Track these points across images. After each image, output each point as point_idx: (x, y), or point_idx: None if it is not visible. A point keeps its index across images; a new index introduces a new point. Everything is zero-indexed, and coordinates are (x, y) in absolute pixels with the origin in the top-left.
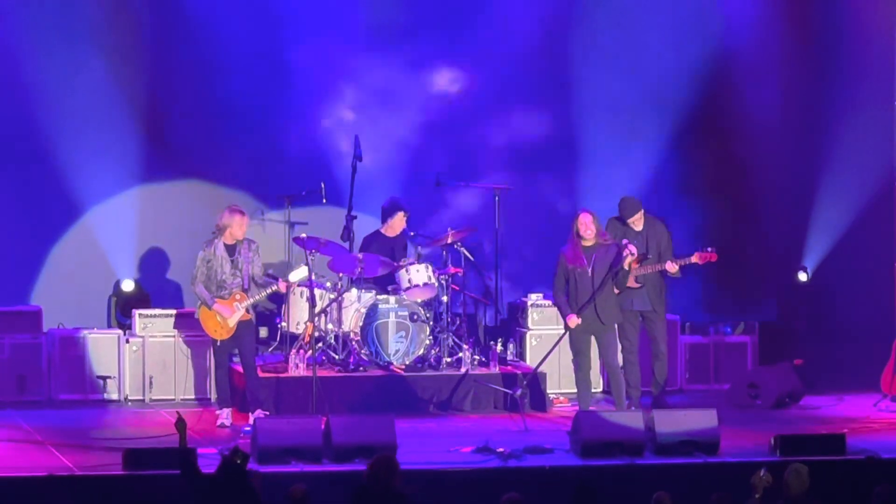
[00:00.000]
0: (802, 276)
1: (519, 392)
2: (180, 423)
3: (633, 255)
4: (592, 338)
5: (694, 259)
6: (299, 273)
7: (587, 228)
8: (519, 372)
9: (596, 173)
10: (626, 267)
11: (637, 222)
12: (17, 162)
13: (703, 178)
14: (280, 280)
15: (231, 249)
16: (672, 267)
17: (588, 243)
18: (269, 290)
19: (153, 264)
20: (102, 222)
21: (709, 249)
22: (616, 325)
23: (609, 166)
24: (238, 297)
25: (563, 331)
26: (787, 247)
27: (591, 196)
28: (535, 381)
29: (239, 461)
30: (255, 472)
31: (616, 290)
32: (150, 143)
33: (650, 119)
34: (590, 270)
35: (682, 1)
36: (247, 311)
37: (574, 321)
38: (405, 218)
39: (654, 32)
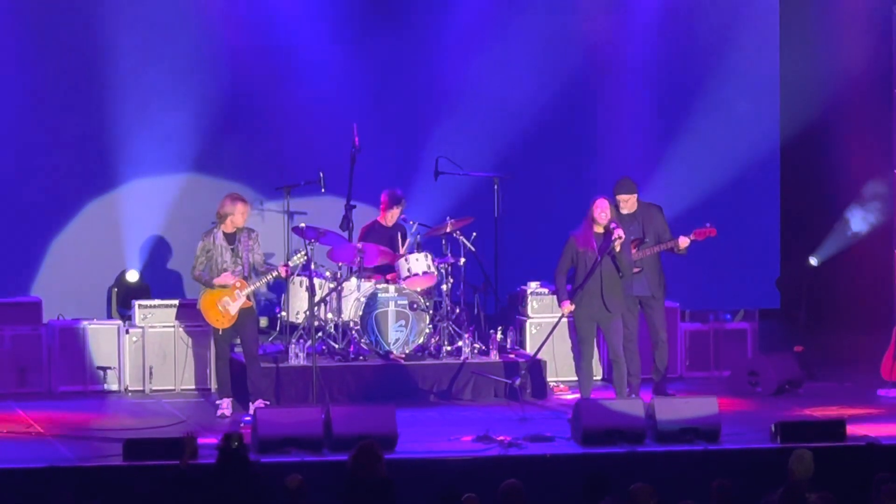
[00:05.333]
0: (813, 261)
1: (517, 381)
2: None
3: (620, 238)
4: (596, 325)
5: (693, 237)
6: (300, 258)
7: (602, 212)
8: (521, 360)
9: (598, 161)
10: (618, 248)
11: (625, 204)
12: (18, 155)
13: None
14: (280, 265)
15: (231, 238)
16: (684, 242)
17: (600, 229)
18: (270, 276)
19: (153, 255)
20: (102, 214)
21: (707, 225)
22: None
23: (610, 155)
24: (238, 284)
25: (562, 317)
26: (789, 234)
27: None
28: (536, 369)
29: (235, 445)
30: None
31: (621, 276)
32: (149, 136)
33: (648, 106)
34: (598, 256)
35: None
36: (248, 298)
37: (568, 308)
38: (401, 209)
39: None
